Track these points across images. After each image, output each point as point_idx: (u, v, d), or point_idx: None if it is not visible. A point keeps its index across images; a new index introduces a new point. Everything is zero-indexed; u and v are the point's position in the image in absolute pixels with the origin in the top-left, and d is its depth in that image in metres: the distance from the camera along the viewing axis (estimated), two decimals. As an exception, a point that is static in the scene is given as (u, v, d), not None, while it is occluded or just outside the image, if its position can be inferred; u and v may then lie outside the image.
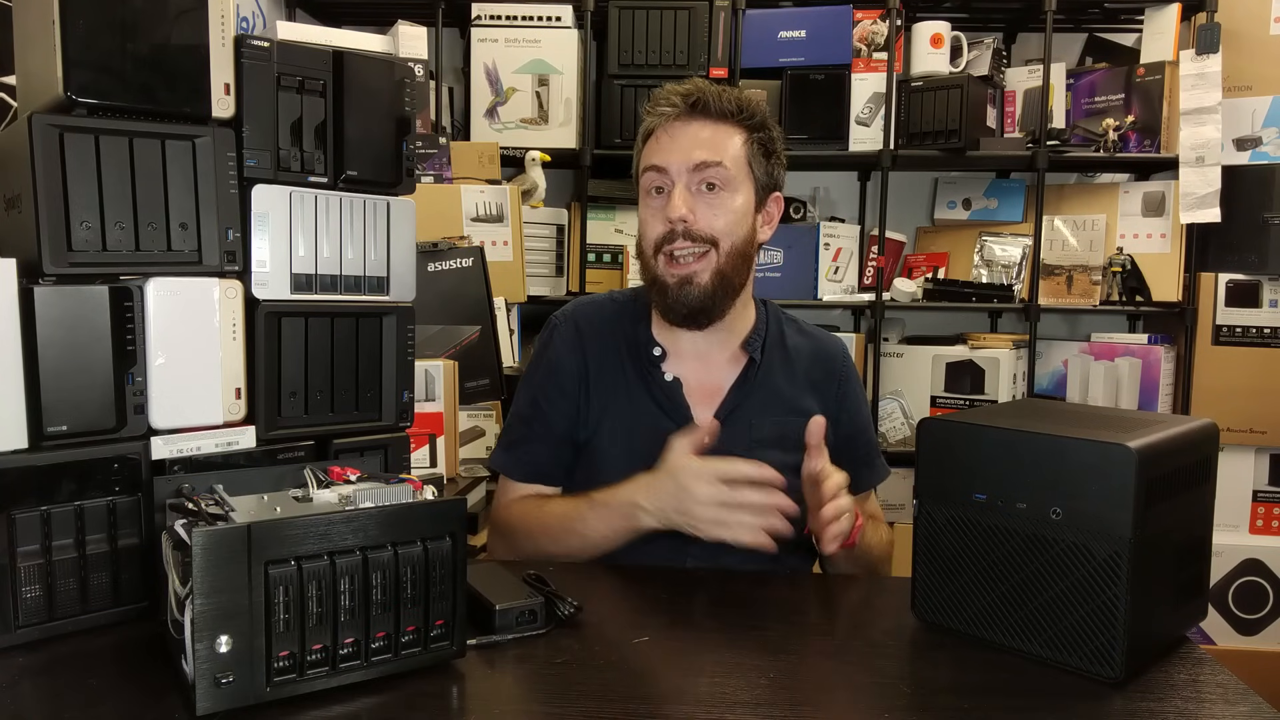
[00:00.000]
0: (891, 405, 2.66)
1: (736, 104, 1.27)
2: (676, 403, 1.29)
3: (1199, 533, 0.98)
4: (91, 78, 0.89)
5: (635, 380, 1.31)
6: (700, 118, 1.26)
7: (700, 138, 1.25)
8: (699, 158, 1.24)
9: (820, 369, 1.37)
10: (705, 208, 1.25)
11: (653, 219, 1.27)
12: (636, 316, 1.35)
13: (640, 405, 1.30)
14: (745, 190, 1.27)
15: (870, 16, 2.54)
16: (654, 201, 1.28)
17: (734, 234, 1.26)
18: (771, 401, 1.31)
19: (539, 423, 1.32)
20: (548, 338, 1.37)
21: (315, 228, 1.03)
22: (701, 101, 1.25)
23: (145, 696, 0.80)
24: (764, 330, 1.35)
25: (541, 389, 1.34)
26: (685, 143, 1.25)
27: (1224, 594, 2.52)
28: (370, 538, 0.81)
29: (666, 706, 0.81)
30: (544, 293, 2.57)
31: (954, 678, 0.90)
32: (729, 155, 1.25)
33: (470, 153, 2.40)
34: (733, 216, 1.25)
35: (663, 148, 1.26)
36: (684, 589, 1.12)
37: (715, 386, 1.31)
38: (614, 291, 1.43)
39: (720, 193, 1.25)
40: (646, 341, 1.32)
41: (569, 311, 1.39)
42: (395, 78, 1.07)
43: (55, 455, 0.91)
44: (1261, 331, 2.49)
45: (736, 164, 1.26)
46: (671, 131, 1.26)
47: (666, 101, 1.27)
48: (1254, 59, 2.47)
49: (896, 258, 2.82)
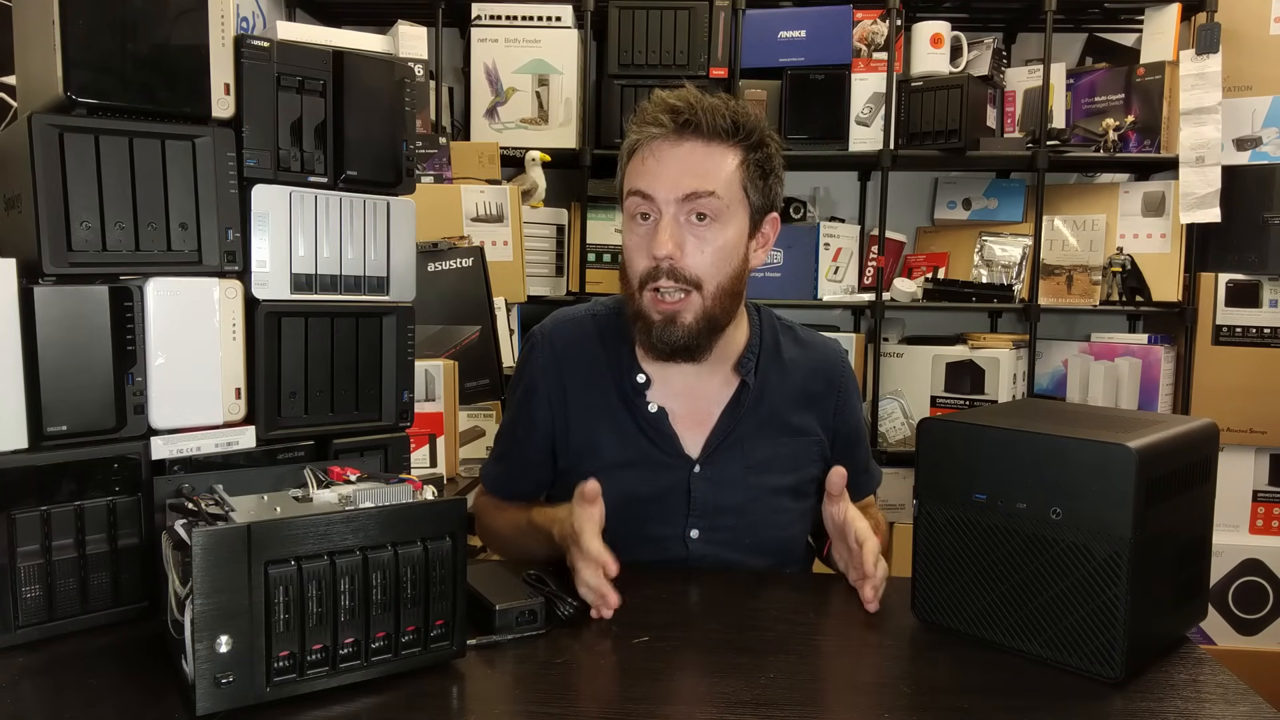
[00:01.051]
0: (891, 405, 2.65)
1: (732, 121, 1.16)
2: (664, 434, 1.24)
3: (1199, 533, 0.98)
4: (91, 78, 0.89)
5: (620, 407, 1.25)
6: (691, 138, 1.15)
7: (690, 163, 1.15)
8: (689, 187, 1.14)
9: (819, 380, 1.31)
10: (694, 244, 1.15)
11: (637, 252, 1.18)
12: (619, 336, 1.27)
13: (627, 435, 1.24)
14: (738, 219, 1.18)
15: (870, 16, 2.54)
16: (639, 229, 1.18)
17: (721, 274, 1.17)
18: (766, 423, 1.26)
19: (516, 445, 1.31)
20: (526, 355, 1.32)
21: (315, 228, 1.03)
22: (693, 121, 1.14)
23: (145, 696, 0.80)
24: (757, 347, 1.28)
25: (520, 410, 1.30)
26: (674, 169, 1.15)
27: (1224, 594, 2.51)
28: (370, 538, 0.81)
29: (666, 706, 0.81)
30: (544, 293, 2.57)
31: (954, 678, 0.90)
32: (721, 182, 1.15)
33: (470, 153, 2.40)
34: (722, 254, 1.16)
35: (649, 171, 1.16)
36: (684, 589, 1.12)
37: (704, 412, 1.25)
38: (596, 303, 1.34)
39: (711, 225, 1.15)
40: (630, 368, 1.25)
41: (548, 330, 1.31)
42: (395, 78, 1.07)
43: (55, 455, 0.91)
44: (1261, 331, 2.49)
45: (730, 190, 1.16)
46: (659, 154, 1.15)
47: (654, 120, 1.16)
48: (1254, 59, 2.47)
49: (896, 258, 2.82)
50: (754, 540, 1.24)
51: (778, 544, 1.27)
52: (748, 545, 1.24)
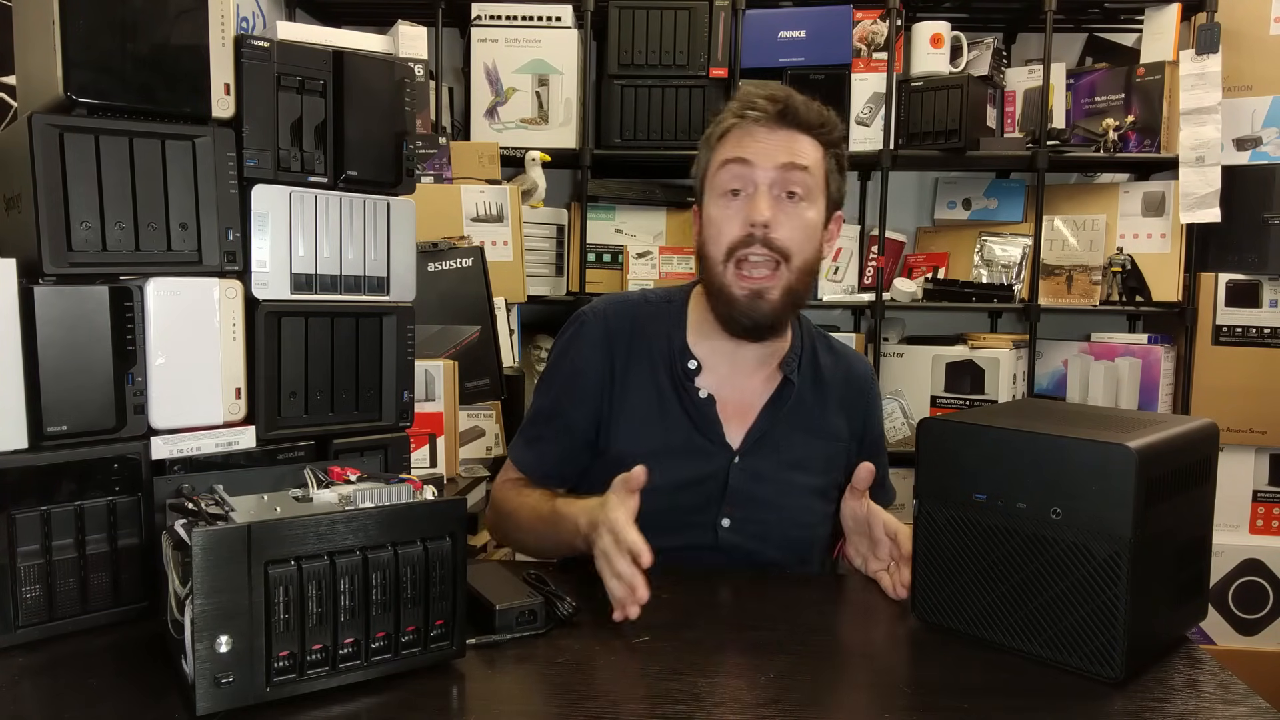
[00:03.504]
0: (891, 405, 2.65)
1: (820, 117, 1.23)
2: (710, 420, 1.25)
3: (1199, 533, 0.98)
4: (91, 78, 0.89)
5: (668, 390, 1.27)
6: (787, 127, 1.21)
7: (787, 143, 1.21)
8: (788, 157, 1.19)
9: (851, 389, 1.35)
10: (785, 217, 1.20)
11: (730, 221, 1.21)
12: (672, 322, 1.29)
13: (672, 419, 1.26)
14: (820, 203, 1.23)
15: (870, 16, 2.54)
16: (731, 204, 1.21)
17: (806, 250, 1.22)
18: (802, 424, 1.29)
19: (559, 423, 1.29)
20: (575, 334, 1.31)
21: (315, 228, 1.03)
22: (790, 110, 1.21)
23: (145, 696, 0.80)
24: (799, 349, 1.31)
25: (566, 390, 1.29)
26: (772, 146, 1.20)
27: (1224, 594, 2.51)
28: (370, 538, 0.81)
29: (666, 706, 0.81)
30: (544, 293, 2.57)
31: (954, 678, 0.90)
32: (812, 164, 1.22)
33: (470, 153, 2.39)
34: (808, 231, 1.22)
35: (746, 147, 1.21)
36: (684, 589, 1.12)
37: (748, 405, 1.28)
38: (647, 291, 1.36)
39: (800, 203, 1.21)
40: (681, 351, 1.27)
41: (600, 309, 1.32)
42: (395, 78, 1.07)
43: (55, 455, 0.91)
44: (1261, 331, 2.49)
45: (817, 175, 1.22)
46: (756, 134, 1.21)
47: (754, 105, 1.22)
48: (1254, 59, 2.47)
49: (896, 258, 2.82)
50: (782, 535, 1.26)
51: (802, 542, 1.28)
52: (775, 540, 1.25)
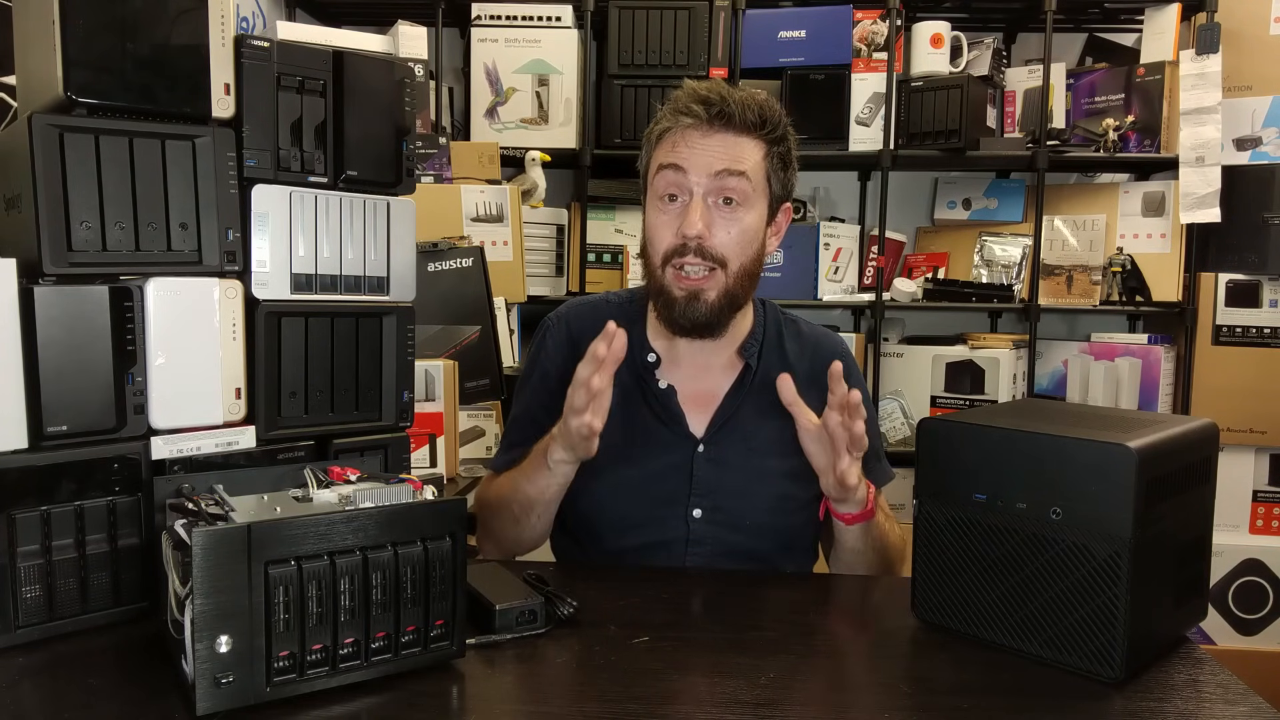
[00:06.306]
0: (891, 405, 2.66)
1: (759, 115, 1.21)
2: (671, 410, 1.28)
3: (1199, 533, 0.98)
4: (91, 78, 0.89)
5: (631, 385, 1.29)
6: (723, 129, 1.20)
7: (721, 150, 1.20)
8: (721, 164, 1.19)
9: (819, 362, 1.32)
10: (720, 224, 1.20)
11: (664, 229, 1.22)
12: (632, 318, 1.31)
13: (634, 410, 1.28)
14: (760, 205, 1.23)
15: (870, 16, 2.54)
16: (667, 209, 1.22)
17: (744, 255, 1.22)
18: (769, 407, 1.28)
19: (533, 429, 1.31)
20: (540, 340, 1.36)
21: (315, 228, 1.03)
22: (725, 113, 1.20)
23: (145, 696, 0.80)
24: (761, 334, 1.33)
25: (535, 393, 1.34)
26: (705, 154, 1.20)
27: (1224, 594, 2.52)
28: (370, 538, 0.81)
29: (666, 706, 0.81)
30: (544, 293, 2.57)
31: (954, 678, 0.90)
32: (750, 168, 1.21)
33: (470, 153, 2.40)
34: (746, 236, 1.22)
35: (680, 153, 1.21)
36: (684, 589, 1.12)
37: (709, 394, 1.30)
38: (610, 293, 1.40)
39: (737, 209, 1.21)
40: (641, 346, 1.30)
41: (562, 313, 1.37)
42: (395, 78, 1.07)
43: (55, 455, 0.91)
44: (1261, 331, 2.49)
45: (755, 178, 1.22)
46: (690, 140, 1.21)
47: (687, 110, 1.21)
48: (1254, 59, 2.47)
49: (896, 258, 2.82)
50: (756, 523, 1.25)
51: (780, 530, 1.28)
52: (750, 529, 1.25)
